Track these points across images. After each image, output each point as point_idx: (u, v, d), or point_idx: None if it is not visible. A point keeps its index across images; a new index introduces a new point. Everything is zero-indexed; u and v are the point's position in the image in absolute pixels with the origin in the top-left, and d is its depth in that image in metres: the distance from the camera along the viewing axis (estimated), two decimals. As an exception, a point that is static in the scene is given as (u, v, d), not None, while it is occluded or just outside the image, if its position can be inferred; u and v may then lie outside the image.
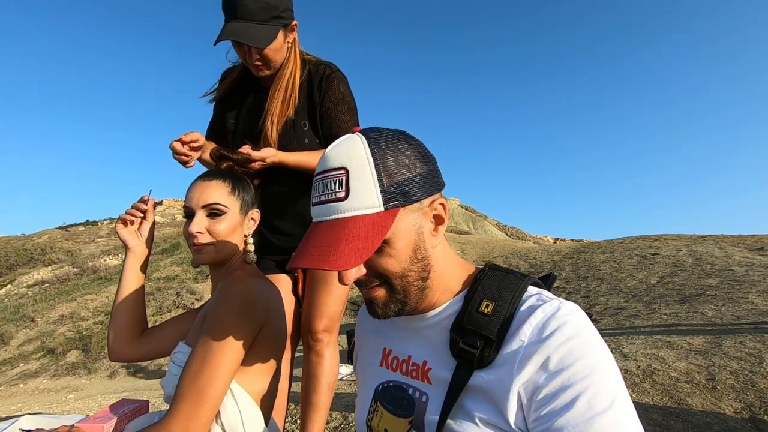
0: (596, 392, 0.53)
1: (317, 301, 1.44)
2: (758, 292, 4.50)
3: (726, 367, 2.46)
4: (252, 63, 1.31)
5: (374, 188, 0.61)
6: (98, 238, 22.07)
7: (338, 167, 0.63)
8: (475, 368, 0.61)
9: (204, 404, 0.80)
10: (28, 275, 15.43)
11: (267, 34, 1.24)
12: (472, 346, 0.62)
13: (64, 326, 10.45)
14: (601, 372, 0.55)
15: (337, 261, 0.58)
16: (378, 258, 0.63)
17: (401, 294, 0.65)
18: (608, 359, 0.57)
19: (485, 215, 28.25)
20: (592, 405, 0.52)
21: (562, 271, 8.46)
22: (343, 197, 0.61)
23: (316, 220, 0.65)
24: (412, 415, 0.68)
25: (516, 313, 0.62)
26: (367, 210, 0.61)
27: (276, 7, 1.25)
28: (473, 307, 0.64)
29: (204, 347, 0.84)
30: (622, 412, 0.53)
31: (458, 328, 0.65)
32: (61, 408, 4.67)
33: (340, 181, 0.62)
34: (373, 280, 0.65)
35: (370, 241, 0.60)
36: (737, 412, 2.03)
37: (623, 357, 2.84)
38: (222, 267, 1.03)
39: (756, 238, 8.41)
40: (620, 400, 0.54)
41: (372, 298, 0.66)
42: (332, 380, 1.46)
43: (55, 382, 8.26)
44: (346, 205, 0.61)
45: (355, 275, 0.64)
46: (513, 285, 0.65)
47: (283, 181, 1.41)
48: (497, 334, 0.61)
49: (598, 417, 0.52)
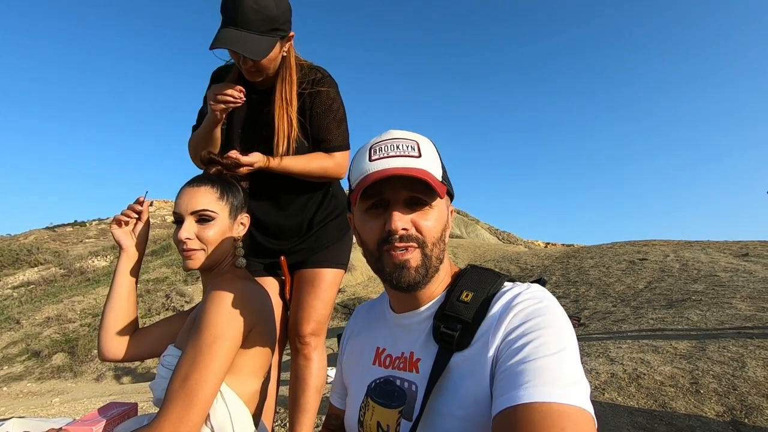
0: (546, 341, 0.58)
1: (305, 305, 1.45)
2: (742, 297, 4.59)
3: (709, 372, 2.51)
4: (246, 69, 1.32)
5: (438, 163, 0.73)
6: (86, 238, 21.77)
7: (409, 138, 0.73)
8: (455, 350, 0.66)
9: (194, 406, 0.81)
10: (14, 276, 15.15)
11: (264, 45, 1.24)
12: (452, 329, 0.67)
13: (50, 328, 10.27)
14: (556, 328, 0.60)
15: (437, 185, 0.68)
16: (423, 218, 0.70)
17: (429, 261, 0.70)
18: (567, 324, 0.62)
19: (477, 219, 28.39)
20: (540, 350, 0.57)
21: (552, 276, 8.53)
22: (417, 155, 0.71)
23: (383, 168, 0.70)
24: (403, 405, 0.71)
25: (492, 300, 0.68)
26: (434, 173, 0.71)
27: (276, 20, 1.25)
28: (454, 296, 0.71)
29: (194, 350, 0.85)
30: (568, 360, 0.56)
31: (440, 315, 0.71)
32: (47, 412, 4.60)
33: (412, 146, 0.72)
34: (411, 239, 0.69)
35: (440, 188, 0.68)
36: (719, 415, 2.07)
37: (610, 361, 2.88)
38: (212, 271, 1.04)
39: (741, 244, 8.57)
40: (569, 352, 0.57)
41: (406, 261, 0.69)
42: (320, 383, 1.47)
43: (41, 386, 8.11)
44: (421, 162, 0.70)
45: (406, 223, 0.69)
46: (491, 278, 0.72)
47: (275, 184, 1.42)
48: (474, 317, 0.67)
49: (542, 358, 0.55)
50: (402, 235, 0.68)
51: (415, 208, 0.70)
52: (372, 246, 0.72)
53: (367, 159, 0.72)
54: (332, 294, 1.51)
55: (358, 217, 0.76)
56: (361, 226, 0.75)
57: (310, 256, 1.51)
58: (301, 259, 1.52)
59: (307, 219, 1.50)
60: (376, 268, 0.73)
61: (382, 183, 0.69)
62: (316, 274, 1.49)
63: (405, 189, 0.69)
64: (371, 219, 0.72)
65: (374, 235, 0.71)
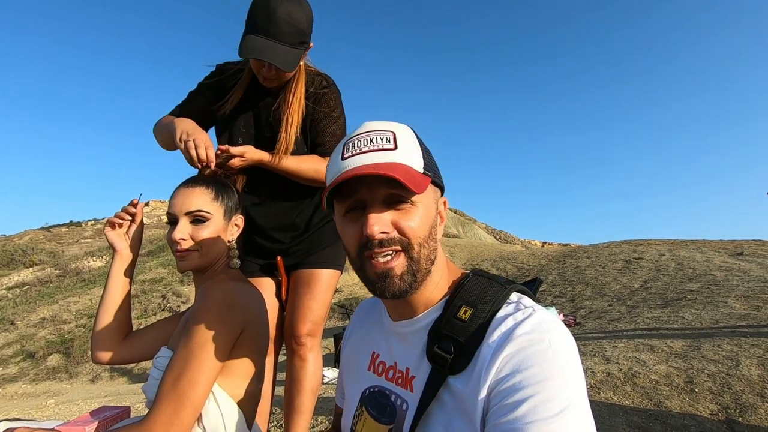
0: (546, 399, 0.51)
1: (301, 305, 1.44)
2: (736, 296, 4.62)
3: (704, 370, 2.52)
4: (266, 76, 1.32)
5: (418, 153, 0.65)
6: (82, 239, 21.64)
7: (384, 129, 0.65)
8: (448, 374, 0.61)
9: (185, 408, 0.80)
10: (9, 277, 15.05)
11: (295, 57, 1.26)
12: (445, 351, 0.61)
13: (45, 329, 10.21)
14: (559, 380, 0.52)
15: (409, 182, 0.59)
16: (404, 217, 0.63)
17: (416, 265, 0.63)
18: (572, 370, 0.54)
19: (474, 219, 28.42)
20: (538, 410, 0.50)
21: (548, 275, 8.55)
22: (392, 148, 0.63)
23: (354, 166, 0.62)
24: (393, 423, 0.68)
25: (492, 321, 0.61)
26: (413, 165, 0.64)
27: (305, 33, 1.27)
28: (452, 312, 0.64)
29: (185, 351, 0.84)
30: (572, 422, 0.49)
31: (435, 332, 0.65)
32: (41, 413, 4.57)
33: (388, 137, 0.64)
34: (394, 243, 0.62)
35: (417, 184, 0.60)
36: (713, 414, 2.08)
37: (606, 360, 2.89)
38: (206, 272, 1.04)
39: (735, 243, 8.62)
40: (573, 412, 0.50)
41: (390, 269, 0.63)
42: (315, 384, 1.46)
43: (35, 387, 8.06)
44: (397, 155, 0.63)
45: (385, 225, 0.62)
46: (495, 292, 0.64)
47: (274, 185, 1.42)
48: (471, 340, 0.60)
49: (540, 423, 0.49)
50: (381, 239, 0.61)
51: (396, 206, 0.63)
52: (353, 253, 0.66)
53: (340, 157, 0.64)
54: (328, 295, 1.51)
55: (338, 222, 0.69)
56: (342, 232, 0.68)
57: (306, 257, 1.51)
58: (297, 260, 1.51)
59: (304, 220, 1.50)
60: (360, 277, 0.67)
61: (357, 183, 0.62)
62: (313, 275, 1.49)
63: (383, 186, 0.62)
64: (349, 223, 0.65)
65: (354, 242, 0.65)
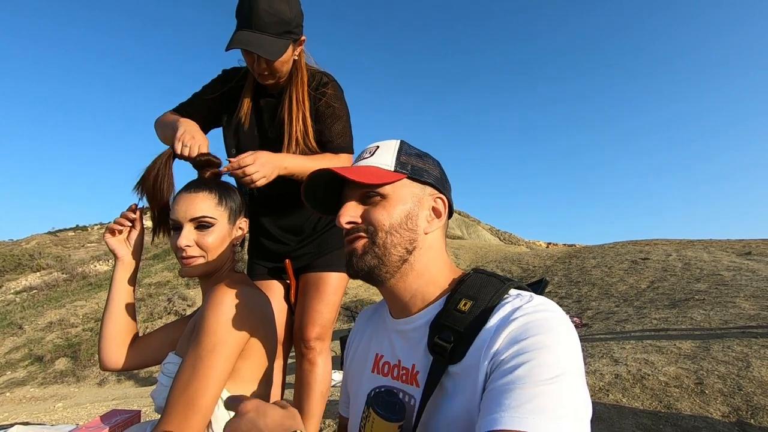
0: (542, 364, 0.53)
1: (310, 309, 1.44)
2: (745, 296, 4.57)
3: (714, 372, 2.50)
4: (258, 72, 1.33)
5: (391, 156, 0.76)
6: (88, 243, 21.79)
7: (374, 145, 0.80)
8: (448, 363, 0.63)
9: (195, 414, 0.80)
10: (16, 281, 15.18)
11: (279, 46, 1.27)
12: (445, 340, 0.64)
13: (52, 333, 10.27)
14: (556, 349, 0.55)
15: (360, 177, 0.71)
16: (373, 209, 0.73)
17: (381, 249, 0.71)
18: (569, 341, 0.57)
19: (478, 220, 28.36)
20: (533, 374, 0.52)
21: (554, 276, 8.51)
22: (368, 157, 0.78)
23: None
24: (403, 419, 0.69)
25: (492, 312, 0.63)
26: (380, 165, 0.75)
27: (289, 23, 1.28)
28: (452, 305, 0.67)
29: (194, 357, 0.84)
30: (565, 390, 0.51)
31: (436, 324, 0.67)
32: (50, 417, 4.59)
33: (371, 150, 0.79)
34: (360, 230, 0.73)
35: (379, 177, 0.72)
36: (725, 416, 2.05)
37: (614, 362, 2.86)
38: (211, 276, 1.03)
39: (743, 242, 8.54)
40: (568, 378, 0.52)
41: (352, 251, 0.73)
42: (325, 388, 1.46)
43: (43, 391, 8.11)
44: (372, 160, 0.77)
45: (352, 215, 0.73)
46: (494, 286, 0.67)
47: (282, 187, 1.42)
48: (470, 329, 0.63)
49: (534, 386, 0.51)
50: (349, 228, 0.73)
51: (369, 201, 0.74)
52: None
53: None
54: (337, 298, 1.50)
55: None
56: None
57: (315, 259, 1.51)
58: (306, 263, 1.51)
59: (312, 222, 1.50)
60: None
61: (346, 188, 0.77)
62: (321, 278, 1.48)
63: (358, 187, 0.74)
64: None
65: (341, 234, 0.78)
